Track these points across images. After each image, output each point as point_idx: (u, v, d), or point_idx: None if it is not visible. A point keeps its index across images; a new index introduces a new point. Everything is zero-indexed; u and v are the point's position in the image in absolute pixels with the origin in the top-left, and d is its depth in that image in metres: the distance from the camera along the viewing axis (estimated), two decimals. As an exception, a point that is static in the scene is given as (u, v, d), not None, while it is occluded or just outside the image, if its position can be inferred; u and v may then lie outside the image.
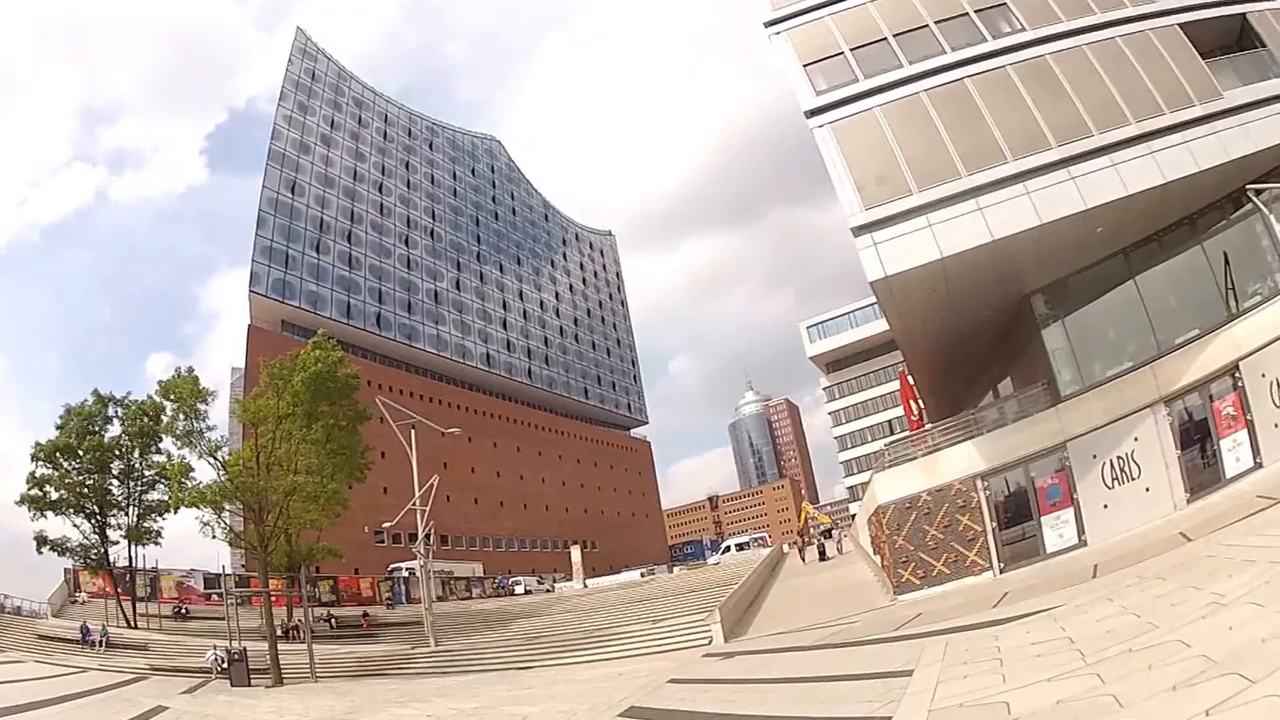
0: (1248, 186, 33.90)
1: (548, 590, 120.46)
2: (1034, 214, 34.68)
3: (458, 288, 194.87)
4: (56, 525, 71.65)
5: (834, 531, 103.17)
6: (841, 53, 41.66)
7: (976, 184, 36.13)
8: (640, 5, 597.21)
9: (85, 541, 72.57)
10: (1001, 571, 36.04)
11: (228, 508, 59.13)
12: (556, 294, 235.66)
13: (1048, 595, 25.85)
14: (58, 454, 70.82)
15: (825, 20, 42.77)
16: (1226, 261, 34.12)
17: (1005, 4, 40.11)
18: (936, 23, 40.50)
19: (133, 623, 72.73)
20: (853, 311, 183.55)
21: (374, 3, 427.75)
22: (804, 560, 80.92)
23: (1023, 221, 34.83)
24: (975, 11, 40.13)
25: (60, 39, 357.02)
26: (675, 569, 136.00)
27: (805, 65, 42.08)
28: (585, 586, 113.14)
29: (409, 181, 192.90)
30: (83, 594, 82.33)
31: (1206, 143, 34.83)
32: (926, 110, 38.71)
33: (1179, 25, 38.20)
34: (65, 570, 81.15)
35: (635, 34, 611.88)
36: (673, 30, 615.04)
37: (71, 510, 71.31)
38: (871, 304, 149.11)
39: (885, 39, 41.05)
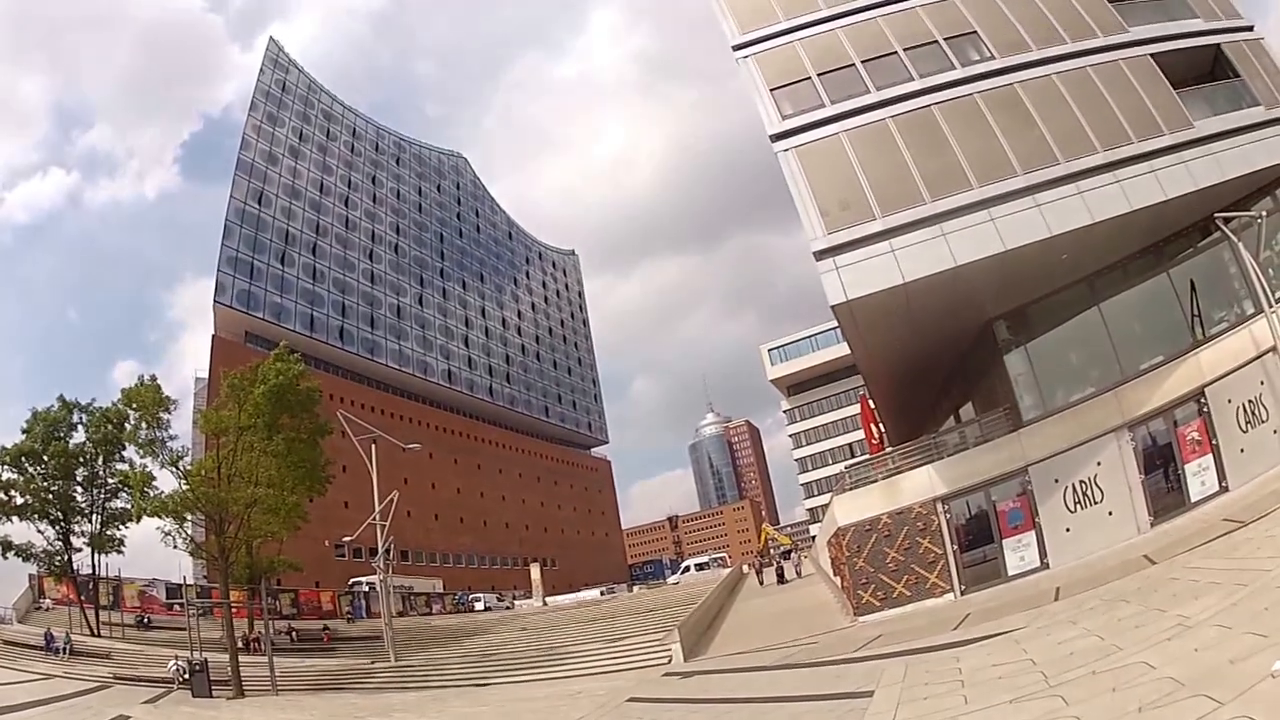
0: (1216, 215, 34.20)
1: (507, 607, 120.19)
2: (998, 240, 34.83)
3: (420, 303, 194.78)
4: (20, 530, 70.93)
5: (794, 553, 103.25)
6: (809, 78, 41.77)
7: (941, 210, 36.29)
8: (607, 30, 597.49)
9: (49, 548, 71.78)
10: (963, 594, 36.12)
11: (189, 518, 59.23)
12: (519, 312, 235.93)
13: (1009, 617, 26.00)
14: (23, 458, 70.01)
15: (793, 45, 42.90)
16: (1193, 289, 34.45)
17: (975, 33, 40.38)
18: (905, 50, 40.72)
19: (96, 631, 72.00)
20: (814, 335, 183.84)
21: (348, 17, 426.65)
22: (761, 582, 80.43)
23: (987, 248, 34.97)
24: (945, 39, 40.40)
25: (33, 38, 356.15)
26: (635, 588, 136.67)
27: (772, 90, 42.17)
28: (544, 604, 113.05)
29: (375, 196, 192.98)
30: (47, 600, 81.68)
31: (1174, 171, 35.14)
32: (893, 136, 38.87)
33: (1151, 55, 38.60)
34: (30, 576, 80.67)
35: (600, 58, 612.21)
36: (638, 53, 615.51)
37: (36, 516, 70.50)
38: (833, 328, 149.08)
39: (854, 65, 41.18)
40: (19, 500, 69.31)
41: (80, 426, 72.85)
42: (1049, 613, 25.03)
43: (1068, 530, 34.30)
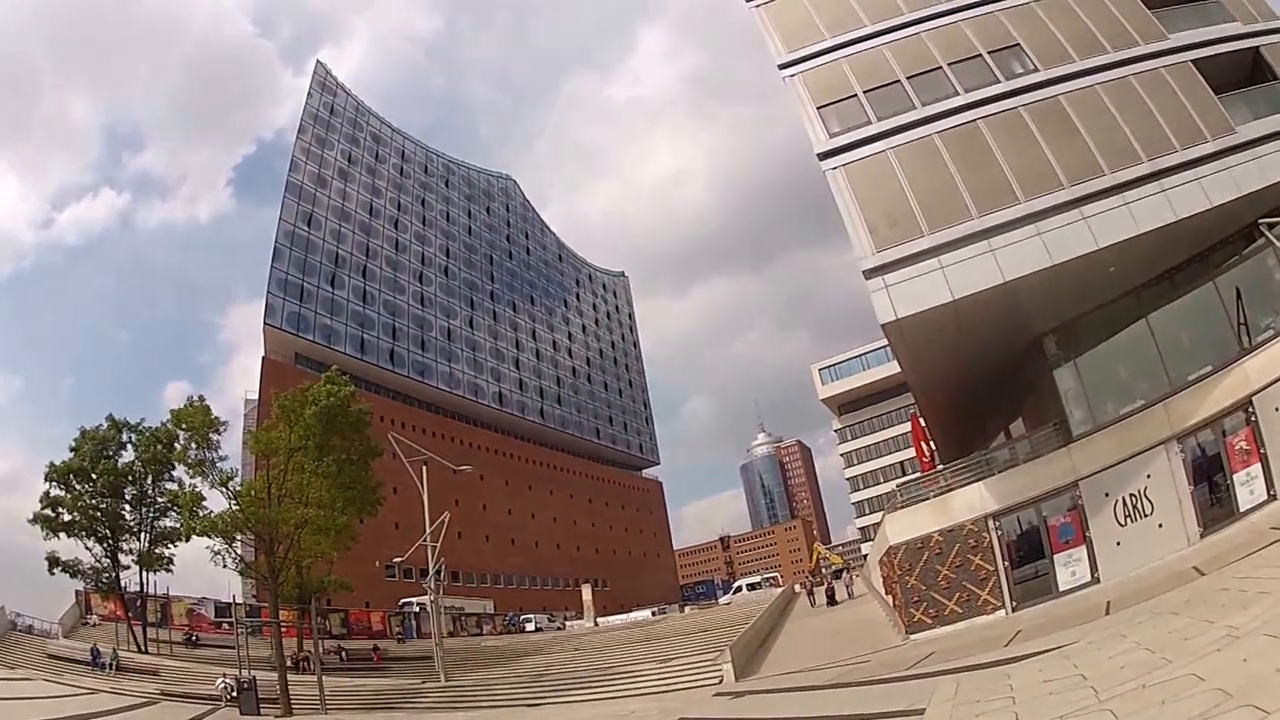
0: (1260, 221, 33.76)
1: (558, 628, 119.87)
2: (1045, 254, 34.73)
3: (471, 326, 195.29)
4: (68, 546, 71.42)
5: (846, 572, 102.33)
6: (855, 95, 41.87)
7: (988, 225, 36.28)
8: (656, 51, 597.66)
9: (97, 565, 72.30)
10: (1014, 610, 35.86)
11: (239, 538, 59.49)
12: (569, 334, 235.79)
13: (1060, 633, 25.67)
14: (71, 476, 70.71)
15: (839, 63, 42.99)
16: (1239, 297, 33.95)
17: (1018, 45, 40.29)
18: (949, 64, 40.67)
19: (143, 647, 72.39)
20: (864, 354, 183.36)
21: (399, 41, 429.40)
22: (812, 603, 78.19)
23: (1034, 262, 34.88)
24: (988, 53, 40.31)
25: (84, 63, 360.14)
26: (686, 608, 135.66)
27: (819, 108, 42.28)
28: (596, 625, 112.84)
29: (424, 218, 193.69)
30: (94, 616, 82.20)
31: (1219, 178, 34.93)
32: (939, 151, 38.86)
33: (1192, 62, 38.36)
34: (76, 592, 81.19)
35: (649, 79, 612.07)
36: (686, 73, 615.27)
37: (83, 533, 71.03)
38: (883, 346, 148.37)
39: (899, 81, 41.21)
40: (66, 517, 69.99)
41: (129, 446, 73.50)
42: (1099, 627, 24.75)
43: (1118, 544, 33.89)
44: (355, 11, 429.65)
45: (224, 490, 57.28)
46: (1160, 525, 32.74)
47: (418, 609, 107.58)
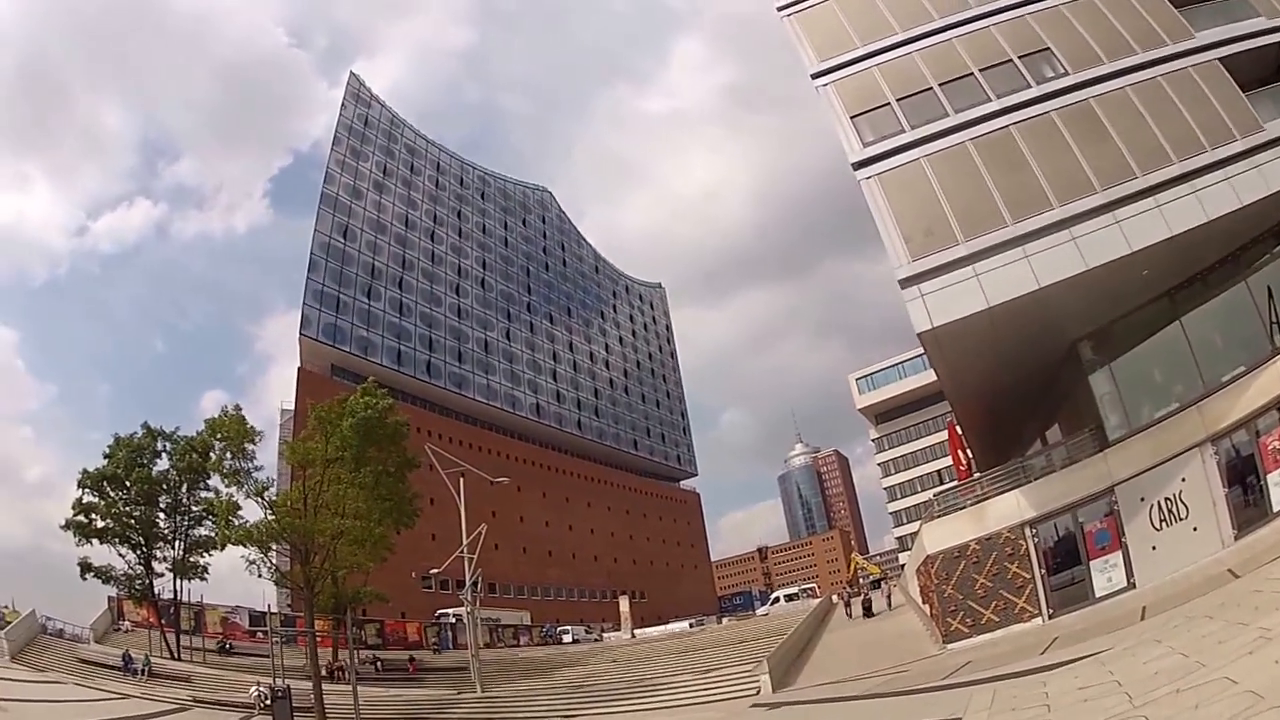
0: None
1: (595, 639, 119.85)
2: (1080, 259, 34.53)
3: (508, 337, 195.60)
4: (101, 553, 72.05)
5: (884, 582, 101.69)
6: (888, 103, 41.82)
7: (1022, 231, 36.12)
8: (690, 62, 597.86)
9: (130, 571, 72.90)
10: (1051, 617, 35.70)
11: (274, 547, 59.74)
12: (606, 345, 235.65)
13: (1096, 639, 25.61)
14: (104, 483, 71.27)
15: (871, 71, 42.94)
16: (1270, 296, 33.74)
17: (1048, 48, 40.10)
18: (981, 70, 40.53)
19: (176, 654, 72.91)
20: (901, 363, 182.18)
21: (435, 55, 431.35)
22: (849, 614, 76.25)
23: (1069, 267, 34.69)
24: (1019, 57, 40.16)
25: (118, 73, 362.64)
26: (724, 620, 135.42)
27: (852, 117, 42.26)
28: (633, 636, 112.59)
29: (460, 230, 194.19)
30: (126, 622, 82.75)
31: (1248, 177, 34.55)
32: (972, 158, 38.72)
33: (1219, 60, 38.07)
34: (109, 598, 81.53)
35: (684, 90, 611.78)
36: (720, 84, 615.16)
37: (117, 540, 71.60)
38: (919, 355, 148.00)
39: (931, 88, 41.13)
40: (100, 524, 70.38)
41: (164, 454, 74.11)
42: (1135, 632, 24.64)
43: (1154, 548, 33.63)
44: (391, 25, 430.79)
45: (259, 500, 57.50)
46: (1195, 529, 32.43)
47: (454, 620, 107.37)
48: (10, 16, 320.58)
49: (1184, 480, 33.13)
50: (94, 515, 70.71)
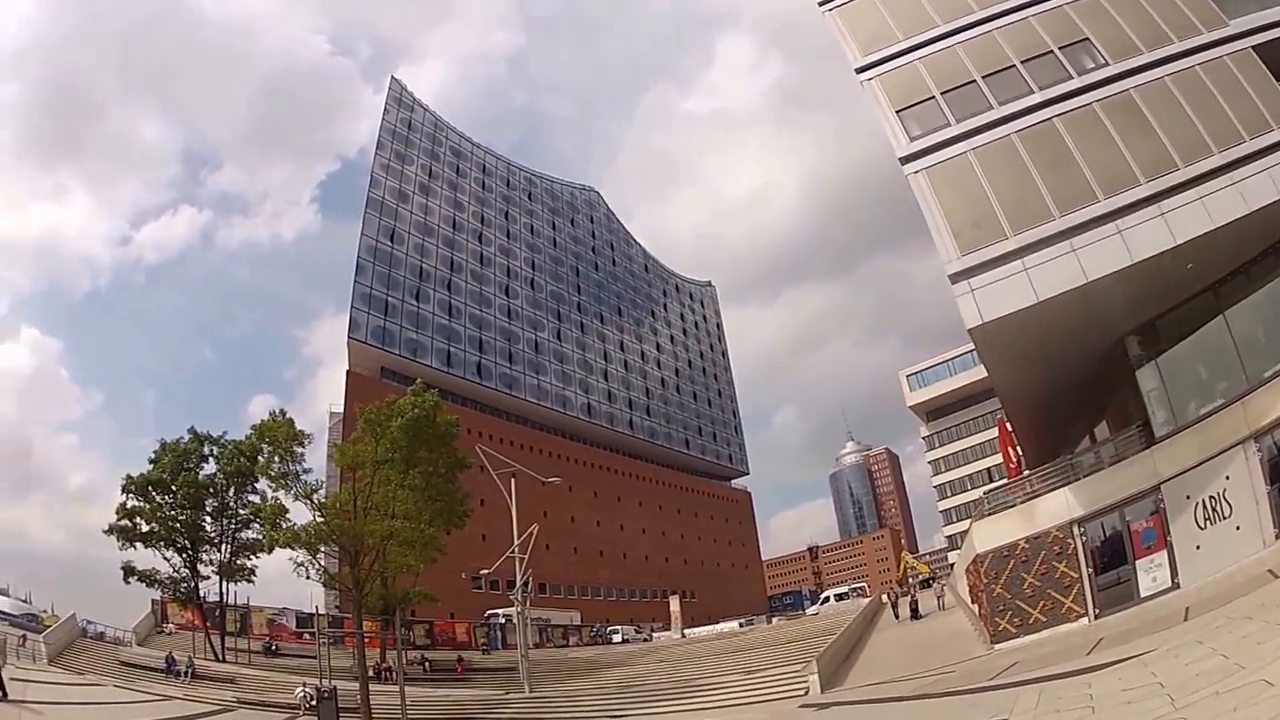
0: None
1: (645, 639, 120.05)
2: (1126, 253, 34.30)
3: (558, 338, 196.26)
4: (145, 557, 72.75)
5: (933, 581, 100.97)
6: (932, 97, 41.85)
7: (1069, 225, 36.00)
8: (735, 61, 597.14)
9: (175, 574, 73.67)
10: (1097, 617, 35.36)
11: (323, 549, 60.18)
12: (657, 345, 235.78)
13: (1140, 640, 25.41)
14: (149, 487, 71.83)
15: (915, 65, 43.01)
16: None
17: (1088, 39, 39.91)
18: (1022, 62, 40.47)
19: (221, 656, 73.58)
20: (951, 359, 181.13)
21: (478, 61, 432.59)
22: (896, 615, 73.59)
23: (1116, 261, 34.46)
24: (1059, 48, 40.03)
25: (156, 84, 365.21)
26: (774, 619, 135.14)
27: (898, 111, 42.36)
28: (683, 636, 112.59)
29: (508, 231, 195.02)
30: (170, 625, 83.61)
31: (1286, 168, 34.15)
32: (1018, 151, 38.65)
33: (1253, 48, 37.68)
34: (153, 601, 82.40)
35: (729, 88, 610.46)
36: (767, 80, 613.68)
37: (162, 543, 72.25)
38: (969, 351, 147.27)
39: (974, 81, 41.05)
40: (144, 528, 70.99)
41: (211, 459, 74.64)
42: (1178, 634, 24.39)
43: (1198, 548, 33.07)
44: (433, 31, 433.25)
45: (308, 503, 57.82)
46: (1238, 527, 31.89)
47: (503, 620, 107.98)
48: (48, 29, 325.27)
49: (1228, 478, 32.56)
50: (138, 520, 71.21)
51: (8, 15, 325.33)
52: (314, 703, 51.48)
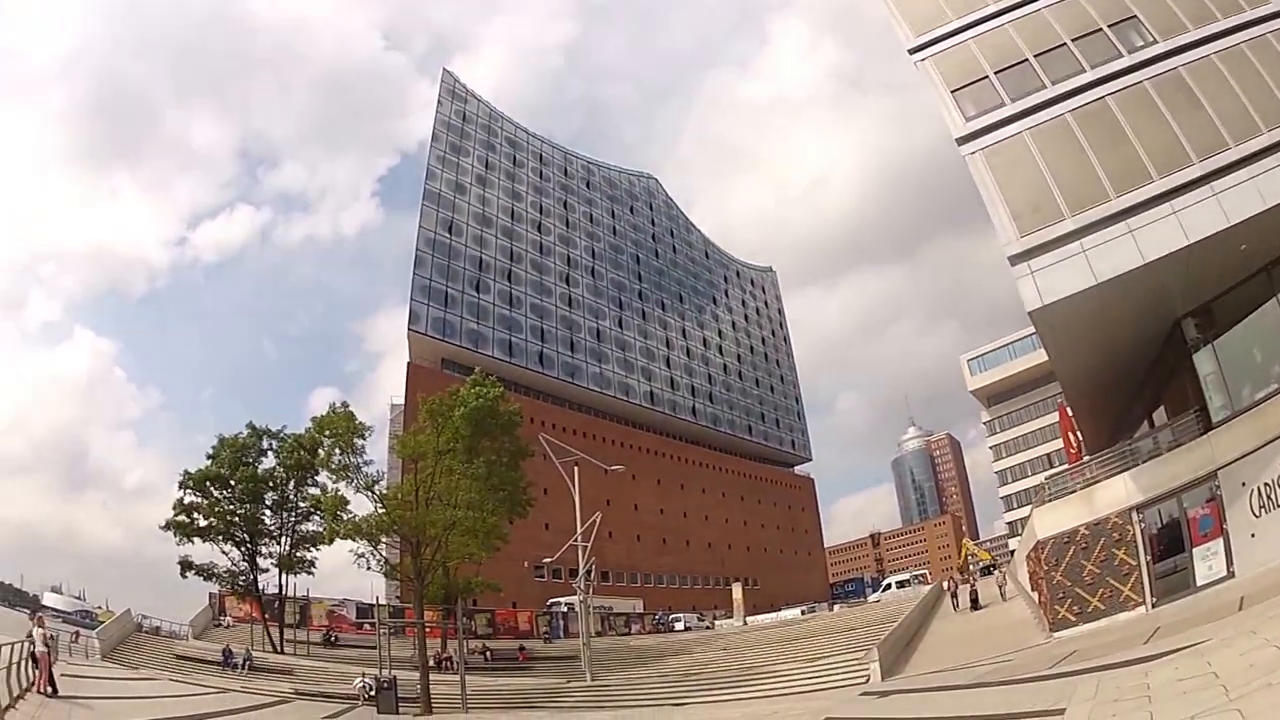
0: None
1: (707, 627, 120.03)
2: (1182, 234, 34.02)
3: (620, 326, 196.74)
4: (203, 551, 73.77)
5: (994, 569, 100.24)
6: (986, 76, 41.86)
7: (1125, 205, 35.80)
8: (791, 45, 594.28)
9: (234, 568, 74.49)
10: (1154, 606, 35.04)
11: (384, 540, 60.40)
12: (719, 331, 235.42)
13: (1196, 629, 25.18)
14: (207, 482, 72.71)
15: (968, 44, 42.91)
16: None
17: (1136, 16, 39.48)
18: (1073, 40, 40.20)
19: (279, 648, 74.29)
20: (1012, 343, 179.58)
21: (533, 53, 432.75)
22: (955, 607, 71.56)
23: (1172, 242, 34.20)
24: (1108, 26, 39.63)
25: (209, 85, 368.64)
26: (836, 607, 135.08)
27: (953, 91, 42.30)
28: (745, 624, 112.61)
29: (567, 220, 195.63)
30: (228, 618, 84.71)
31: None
32: (1072, 131, 38.53)
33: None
34: (210, 595, 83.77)
35: (787, 73, 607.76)
36: (824, 64, 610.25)
37: (220, 537, 73.10)
38: (1029, 334, 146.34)
39: (1026, 60, 40.99)
40: (202, 522, 71.89)
41: (270, 452, 75.55)
42: (1233, 623, 24.14)
43: (1252, 535, 32.42)
44: (488, 23, 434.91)
45: (369, 494, 58.38)
46: (1292, 516, 31.74)
47: (566, 609, 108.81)
48: (102, 33, 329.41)
49: (1282, 465, 32.26)
50: (196, 515, 72.24)
51: (63, 19, 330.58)
52: (373, 693, 52.16)
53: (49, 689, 33.73)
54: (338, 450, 59.37)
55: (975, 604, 67.01)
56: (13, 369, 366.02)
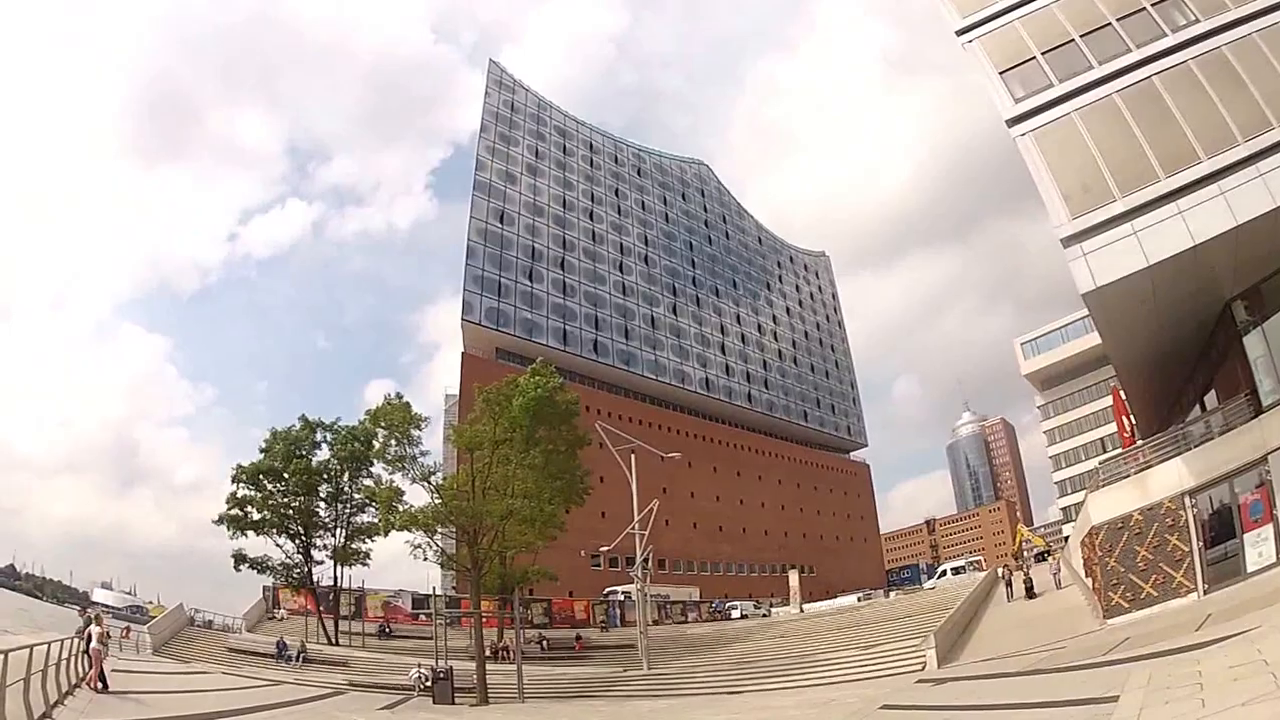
0: None
1: (764, 615, 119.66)
2: (1230, 215, 33.71)
3: (674, 313, 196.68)
4: (256, 544, 74.44)
5: (1049, 556, 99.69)
6: (1034, 57, 41.80)
7: (1174, 186, 35.51)
8: (839, 28, 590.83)
9: (288, 560, 75.06)
10: (1205, 593, 34.85)
11: (440, 530, 60.62)
12: (774, 317, 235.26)
13: (1247, 616, 25.25)
14: (260, 476, 73.33)
15: (1014, 25, 42.86)
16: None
17: (1176, -9, 39.43)
18: (1118, 19, 39.88)
19: (334, 640, 75.01)
20: (1064, 326, 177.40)
21: (584, 41, 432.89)
22: (1009, 596, 68.10)
23: (1221, 223, 33.90)
24: (1151, 5, 39.35)
25: (259, 82, 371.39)
26: (891, 594, 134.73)
27: (1001, 72, 42.31)
28: (802, 611, 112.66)
29: (619, 208, 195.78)
30: (282, 610, 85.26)
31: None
32: (1120, 111, 38.33)
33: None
34: (264, 587, 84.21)
35: (836, 56, 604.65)
36: (873, 48, 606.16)
37: (274, 530, 73.72)
38: (1081, 317, 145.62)
39: (1073, 40, 40.86)
40: (255, 516, 72.52)
41: (324, 445, 76.11)
42: (1280, 611, 24.51)
43: (1302, 522, 32.27)
44: (536, 13, 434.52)
45: (426, 485, 58.86)
46: (1340, 501, 31.54)
47: (622, 598, 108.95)
48: (150, 32, 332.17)
49: (1334, 450, 31.97)
50: (249, 508, 72.94)
51: (112, 18, 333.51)
52: (428, 683, 52.55)
53: (99, 684, 34.25)
54: (394, 441, 59.92)
55: (1030, 593, 65.31)
56: (63, 368, 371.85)
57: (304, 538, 75.32)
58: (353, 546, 76.54)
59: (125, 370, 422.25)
